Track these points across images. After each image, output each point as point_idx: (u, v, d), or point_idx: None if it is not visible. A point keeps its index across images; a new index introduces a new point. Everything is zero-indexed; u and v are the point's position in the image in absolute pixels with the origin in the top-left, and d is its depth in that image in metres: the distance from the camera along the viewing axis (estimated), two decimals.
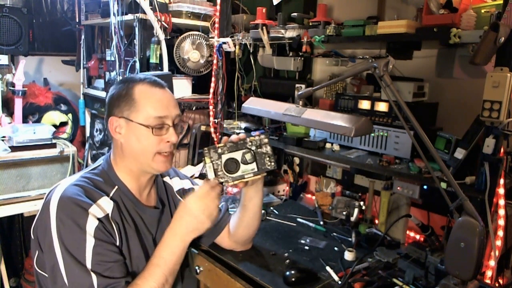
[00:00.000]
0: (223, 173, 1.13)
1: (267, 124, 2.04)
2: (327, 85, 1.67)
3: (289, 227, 1.70)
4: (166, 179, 1.36)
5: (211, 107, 2.17)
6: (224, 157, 1.14)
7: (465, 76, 1.44)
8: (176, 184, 1.37)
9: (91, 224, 1.00)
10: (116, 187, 1.14)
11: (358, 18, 1.53)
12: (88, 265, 0.97)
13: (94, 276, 0.97)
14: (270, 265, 1.35)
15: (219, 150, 1.14)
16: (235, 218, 1.35)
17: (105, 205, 1.06)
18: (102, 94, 2.45)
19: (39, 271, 1.08)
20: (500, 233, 1.24)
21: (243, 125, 2.03)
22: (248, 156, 1.14)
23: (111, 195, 1.11)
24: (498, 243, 1.24)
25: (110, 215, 1.06)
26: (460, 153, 1.27)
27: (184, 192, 1.37)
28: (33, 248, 1.09)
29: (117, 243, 1.06)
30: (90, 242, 0.99)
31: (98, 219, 1.02)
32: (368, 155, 1.59)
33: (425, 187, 1.53)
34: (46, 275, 1.05)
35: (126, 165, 1.15)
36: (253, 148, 1.15)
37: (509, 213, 1.30)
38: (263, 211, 1.76)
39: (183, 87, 2.28)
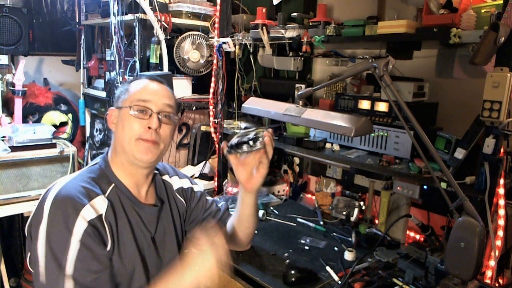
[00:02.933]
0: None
1: (267, 124, 2.04)
2: (327, 85, 1.67)
3: (289, 227, 1.70)
4: (165, 177, 1.35)
5: (211, 107, 2.17)
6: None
7: (465, 76, 1.44)
8: (175, 183, 1.37)
9: (80, 227, 0.98)
10: (113, 185, 1.13)
11: (358, 18, 1.53)
12: (68, 270, 0.95)
13: (70, 283, 0.95)
14: (270, 265, 1.35)
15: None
16: (231, 219, 1.35)
17: (99, 205, 1.06)
18: (102, 94, 2.45)
19: (31, 269, 1.08)
20: (500, 233, 1.24)
21: (243, 125, 2.04)
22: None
23: (107, 193, 1.11)
24: (498, 243, 1.24)
25: (103, 215, 1.05)
26: (460, 153, 1.27)
27: (183, 192, 1.37)
28: (27, 247, 1.08)
29: (108, 245, 1.05)
30: (74, 245, 0.97)
31: (89, 221, 1.00)
32: (368, 155, 1.59)
33: (425, 187, 1.53)
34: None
35: (119, 160, 1.15)
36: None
37: (509, 213, 1.30)
38: (263, 211, 1.76)
39: (183, 87, 2.28)
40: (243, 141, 1.18)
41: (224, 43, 2.00)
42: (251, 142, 1.17)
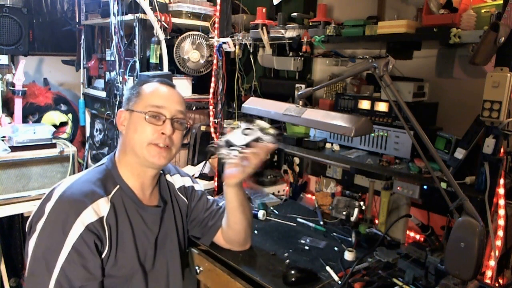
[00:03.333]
0: None
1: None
2: (327, 85, 1.67)
3: (289, 227, 1.70)
4: (168, 176, 1.36)
5: (211, 107, 2.17)
6: None
7: (465, 76, 1.44)
8: (177, 181, 1.37)
9: (76, 231, 0.98)
10: (118, 186, 1.13)
11: (358, 18, 1.53)
12: (55, 271, 0.96)
13: (53, 284, 0.95)
14: (270, 265, 1.35)
15: None
16: (224, 218, 1.36)
17: (102, 207, 1.06)
18: (102, 94, 2.45)
19: None
20: (500, 233, 1.24)
21: (243, 125, 2.03)
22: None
23: (111, 195, 1.11)
24: (498, 243, 1.24)
25: (105, 217, 1.05)
26: (460, 153, 1.27)
27: (185, 190, 1.37)
28: (26, 242, 1.09)
29: (106, 247, 1.05)
30: (66, 249, 0.97)
31: (87, 226, 1.00)
32: (368, 155, 1.59)
33: (425, 187, 1.53)
34: None
35: (128, 161, 1.16)
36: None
37: (509, 213, 1.30)
38: (263, 211, 1.76)
39: (183, 87, 2.27)
40: (232, 145, 1.21)
41: (224, 43, 2.00)
42: (237, 150, 1.21)
